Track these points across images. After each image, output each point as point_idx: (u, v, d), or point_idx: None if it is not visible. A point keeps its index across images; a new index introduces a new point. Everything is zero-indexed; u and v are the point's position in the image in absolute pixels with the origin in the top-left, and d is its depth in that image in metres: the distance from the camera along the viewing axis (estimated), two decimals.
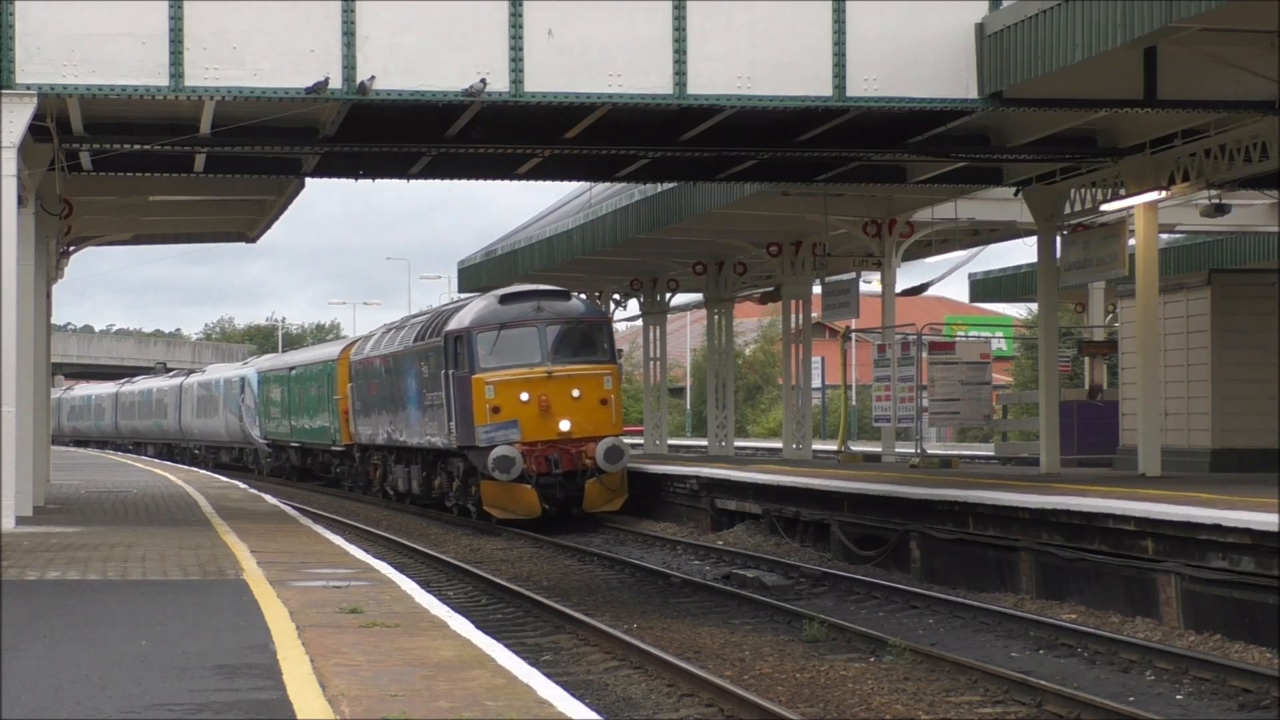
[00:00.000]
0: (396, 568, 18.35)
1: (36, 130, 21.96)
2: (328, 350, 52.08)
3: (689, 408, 79.25)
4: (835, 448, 40.17)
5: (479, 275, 48.32)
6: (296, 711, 8.93)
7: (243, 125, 23.60)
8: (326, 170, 27.83)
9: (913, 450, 33.33)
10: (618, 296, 48.65)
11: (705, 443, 46.66)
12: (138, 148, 24.99)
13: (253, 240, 37.61)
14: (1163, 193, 25.68)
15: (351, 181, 28.81)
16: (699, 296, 47.33)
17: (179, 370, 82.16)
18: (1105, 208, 27.41)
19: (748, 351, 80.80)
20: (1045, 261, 29.27)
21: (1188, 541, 18.08)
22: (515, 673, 10.32)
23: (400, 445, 38.95)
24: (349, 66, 20.64)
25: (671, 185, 33.35)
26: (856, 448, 43.08)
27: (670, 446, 50.46)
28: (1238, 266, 37.52)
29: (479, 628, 12.77)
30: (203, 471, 51.63)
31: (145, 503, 29.58)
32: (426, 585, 18.29)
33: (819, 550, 26.65)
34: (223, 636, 11.78)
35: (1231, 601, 17.26)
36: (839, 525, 26.01)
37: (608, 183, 35.07)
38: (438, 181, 48.08)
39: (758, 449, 51.67)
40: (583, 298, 36.68)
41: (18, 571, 16.23)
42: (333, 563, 17.78)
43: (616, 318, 48.23)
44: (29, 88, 20.31)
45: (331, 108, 22.56)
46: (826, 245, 36.52)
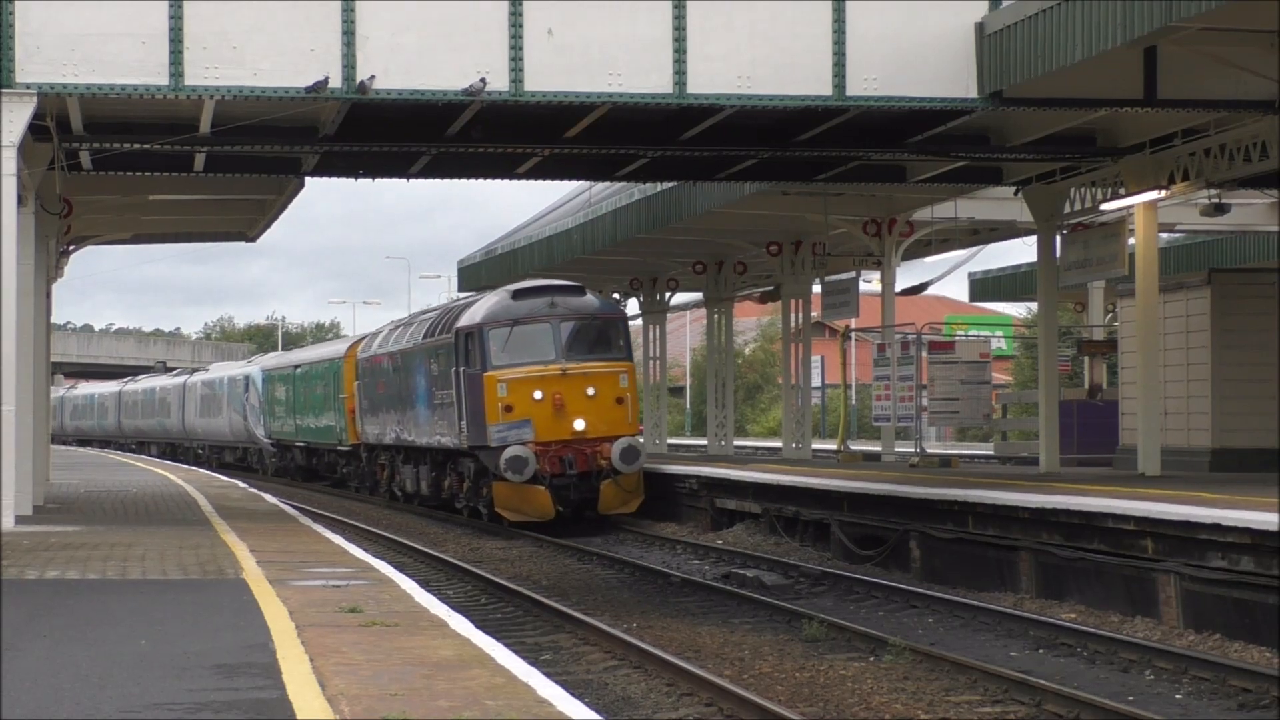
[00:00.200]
0: (396, 567, 18.36)
1: (36, 129, 21.96)
2: (334, 348, 51.12)
3: (689, 407, 79.24)
4: (835, 447, 40.16)
5: (479, 275, 48.31)
6: (296, 711, 8.93)
7: (242, 125, 23.60)
8: (326, 170, 27.84)
9: (912, 450, 33.33)
10: (617, 296, 48.63)
11: (705, 442, 46.69)
12: (137, 147, 24.99)
13: (252, 240, 37.61)
14: (1162, 192, 25.69)
15: (351, 181, 28.85)
16: (699, 296, 47.33)
17: (182, 369, 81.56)
18: (1105, 207, 27.41)
19: (747, 351, 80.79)
20: (1045, 261, 29.27)
21: (1187, 541, 18.08)
22: (515, 672, 10.32)
23: (409, 445, 38.08)
24: (349, 66, 20.64)
25: (671, 185, 33.34)
26: (856, 447, 43.05)
27: (670, 446, 50.47)
28: (1238, 266, 37.51)
29: (478, 627, 12.78)
30: (202, 471, 51.58)
31: (145, 502, 29.59)
32: (426, 584, 18.30)
33: (819, 550, 26.65)
34: (222, 636, 11.79)
35: (1231, 601, 17.26)
36: (839, 525, 26.01)
37: (607, 182, 35.07)
38: (438, 181, 48.02)
39: (757, 448, 51.66)
40: (598, 293, 35.61)
41: (17, 571, 16.23)
42: (332, 562, 17.79)
43: None
44: (29, 87, 20.31)
45: (331, 107, 22.56)
46: (826, 245, 36.52)
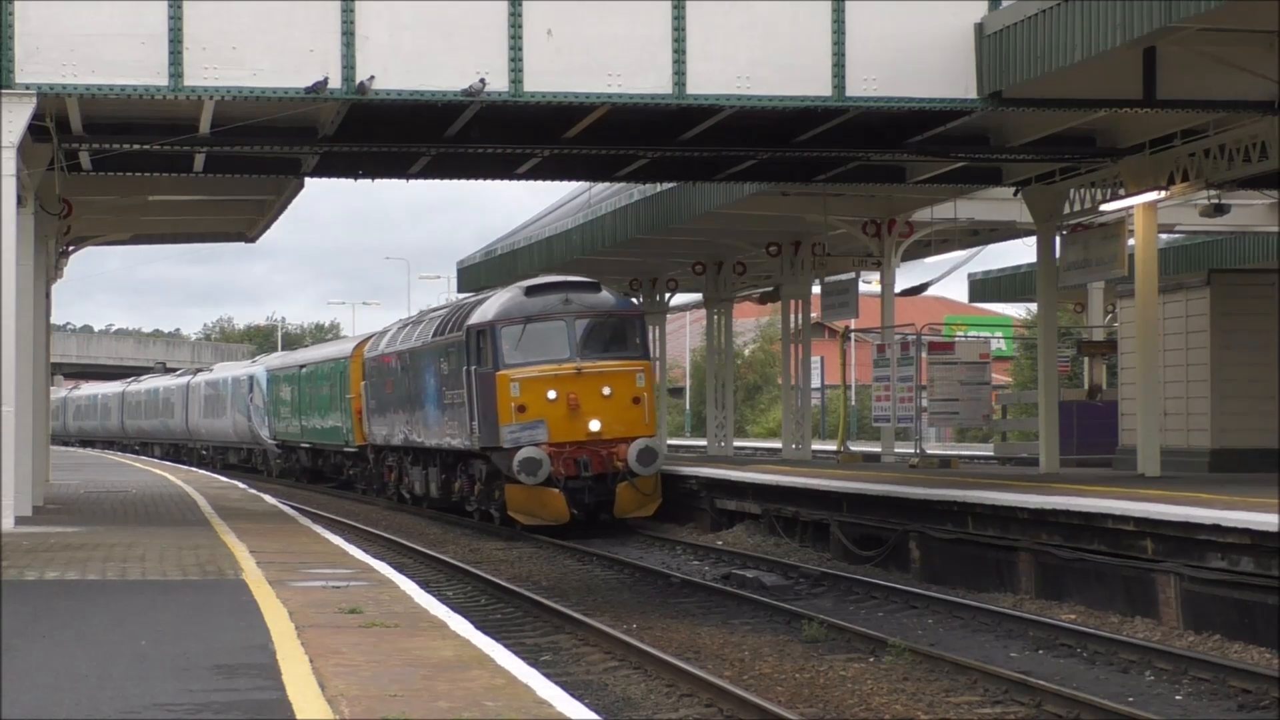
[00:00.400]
0: (396, 568, 18.35)
1: (36, 130, 21.95)
2: (340, 347, 50.29)
3: (688, 408, 79.23)
4: (835, 448, 40.16)
5: (479, 275, 48.30)
6: (296, 711, 8.93)
7: (242, 125, 23.60)
8: (326, 170, 27.84)
9: (912, 450, 33.33)
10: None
11: (704, 443, 46.72)
12: (137, 147, 24.99)
13: (252, 240, 37.60)
14: (1162, 193, 25.68)
15: (351, 181, 28.85)
16: (698, 296, 47.34)
17: (186, 369, 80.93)
18: (1105, 208, 27.41)
19: (747, 351, 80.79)
20: (1044, 261, 29.28)
21: (1187, 542, 18.08)
22: (514, 673, 10.32)
23: (417, 446, 37.28)
24: (348, 66, 20.64)
25: (671, 185, 33.32)
26: (856, 448, 43.06)
27: (670, 447, 50.45)
28: (1237, 266, 37.52)
29: (478, 628, 12.77)
30: (201, 471, 51.55)
31: (145, 503, 29.59)
32: (426, 585, 18.28)
33: (818, 550, 26.65)
34: (222, 637, 11.79)
35: (1231, 602, 17.26)
36: (838, 525, 26.02)
37: (607, 183, 35.05)
38: (437, 182, 48.03)
39: (757, 449, 51.66)
40: (614, 289, 34.77)
41: (17, 572, 16.23)
42: (332, 563, 17.78)
43: None
44: (28, 87, 20.30)
45: (331, 108, 22.56)
46: (826, 245, 36.53)
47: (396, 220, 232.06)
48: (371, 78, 20.59)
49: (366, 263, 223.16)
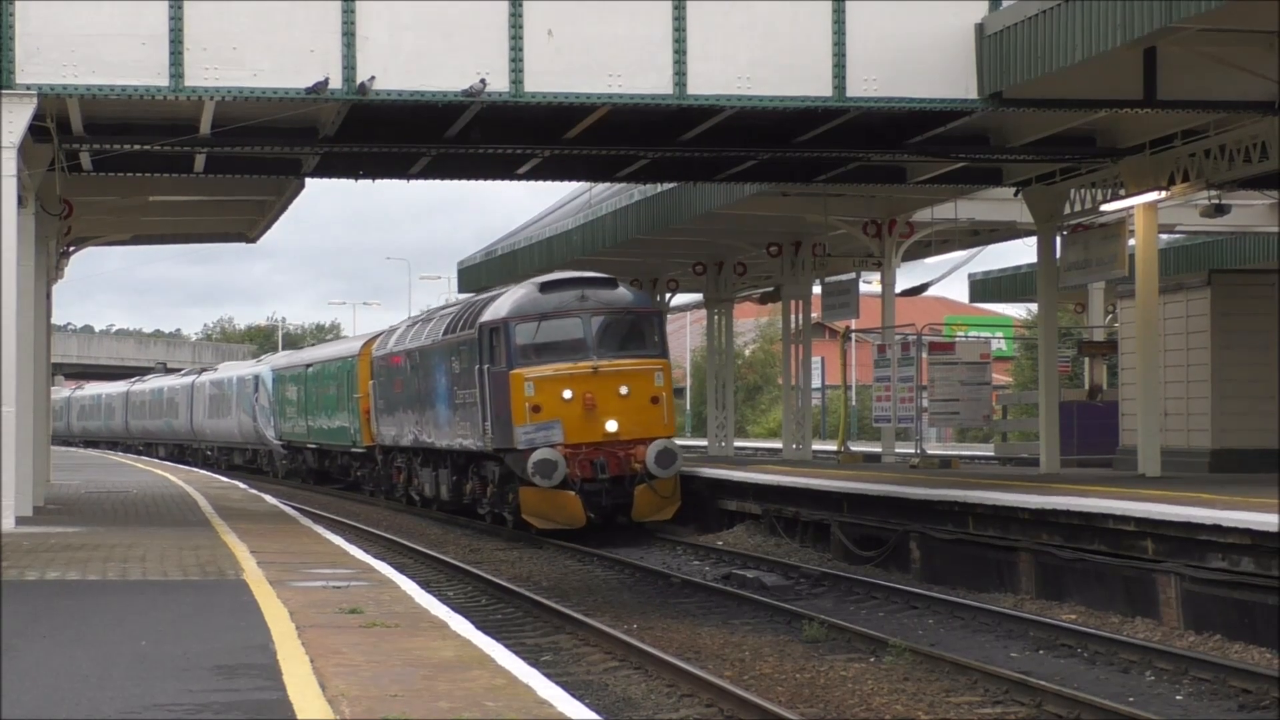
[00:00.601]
0: (396, 568, 18.35)
1: (36, 130, 21.96)
2: (347, 346, 49.29)
3: (689, 408, 79.25)
4: (835, 448, 40.16)
5: (479, 275, 48.28)
6: (296, 712, 8.93)
7: (243, 125, 23.60)
8: (326, 170, 27.84)
9: (912, 450, 33.34)
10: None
11: (705, 443, 46.72)
12: (137, 148, 25.00)
13: (252, 240, 37.60)
14: (1162, 193, 25.69)
15: (351, 181, 28.85)
16: (699, 297, 47.32)
17: (191, 369, 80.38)
18: (1105, 208, 27.41)
19: (747, 352, 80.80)
20: (1045, 262, 29.28)
21: (1187, 542, 18.08)
22: (515, 673, 10.32)
23: (428, 447, 36.22)
24: (349, 67, 20.65)
25: (671, 186, 33.32)
26: (856, 448, 43.06)
27: None
28: (1237, 267, 37.52)
29: (479, 628, 12.78)
30: (202, 472, 51.51)
31: (145, 503, 29.58)
32: (426, 585, 18.29)
33: (819, 551, 26.64)
34: (222, 637, 11.79)
35: (1231, 602, 17.26)
36: (839, 525, 26.01)
37: (608, 183, 35.05)
38: (438, 181, 47.96)
39: (757, 449, 51.67)
40: (631, 285, 33.59)
41: (18, 572, 16.23)
42: (333, 563, 17.79)
43: None
44: (29, 88, 20.31)
45: (331, 108, 22.57)
46: (826, 245, 36.53)
47: (397, 220, 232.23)
48: (372, 78, 20.60)
49: (367, 263, 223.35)
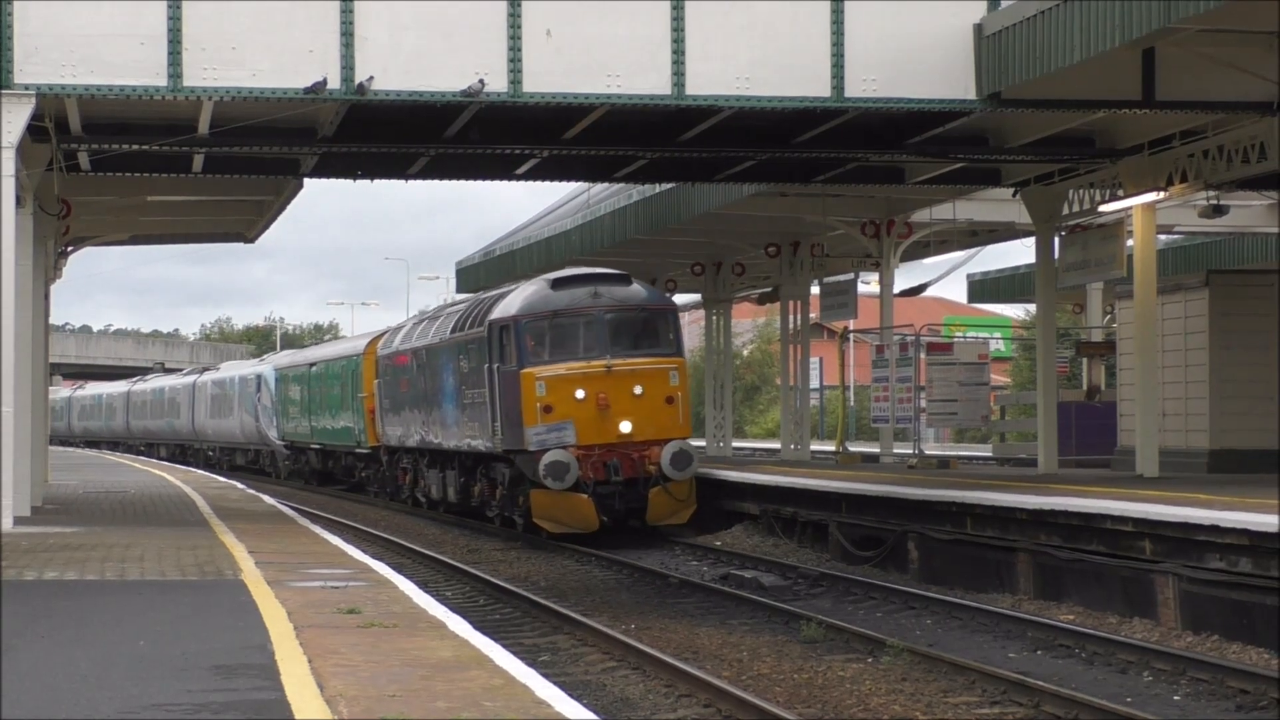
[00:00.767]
0: (394, 568, 18.36)
1: (35, 130, 21.95)
2: (352, 344, 48.53)
3: None
4: (833, 448, 40.17)
5: (477, 275, 48.28)
6: (294, 712, 8.93)
7: (241, 125, 23.60)
8: (325, 170, 27.84)
9: (910, 451, 33.35)
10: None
11: (703, 443, 46.75)
12: (136, 148, 25.00)
13: (251, 241, 37.59)
14: (1161, 193, 25.70)
15: (350, 182, 28.84)
16: (697, 297, 47.31)
17: (192, 369, 79.98)
18: (1103, 208, 27.43)
19: (745, 352, 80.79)
20: (1043, 262, 29.29)
21: (1185, 542, 18.09)
22: (513, 673, 10.33)
23: (435, 448, 35.34)
24: (348, 67, 20.65)
25: (670, 186, 33.32)
26: (854, 448, 43.05)
27: None
28: (1236, 267, 37.54)
29: (477, 628, 12.78)
30: (200, 472, 51.45)
31: (143, 503, 29.58)
32: (424, 585, 18.30)
33: (817, 551, 26.65)
34: (221, 637, 11.79)
35: (1229, 602, 17.27)
36: (837, 526, 26.02)
37: (606, 183, 35.05)
38: (436, 181, 47.92)
39: (756, 449, 51.68)
40: (644, 282, 32.71)
41: (16, 572, 16.23)
42: (331, 563, 17.79)
43: None
44: (27, 88, 20.31)
45: (330, 108, 22.57)
46: (825, 246, 36.54)
47: (396, 220, 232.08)
48: (371, 78, 20.60)
49: (366, 263, 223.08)
